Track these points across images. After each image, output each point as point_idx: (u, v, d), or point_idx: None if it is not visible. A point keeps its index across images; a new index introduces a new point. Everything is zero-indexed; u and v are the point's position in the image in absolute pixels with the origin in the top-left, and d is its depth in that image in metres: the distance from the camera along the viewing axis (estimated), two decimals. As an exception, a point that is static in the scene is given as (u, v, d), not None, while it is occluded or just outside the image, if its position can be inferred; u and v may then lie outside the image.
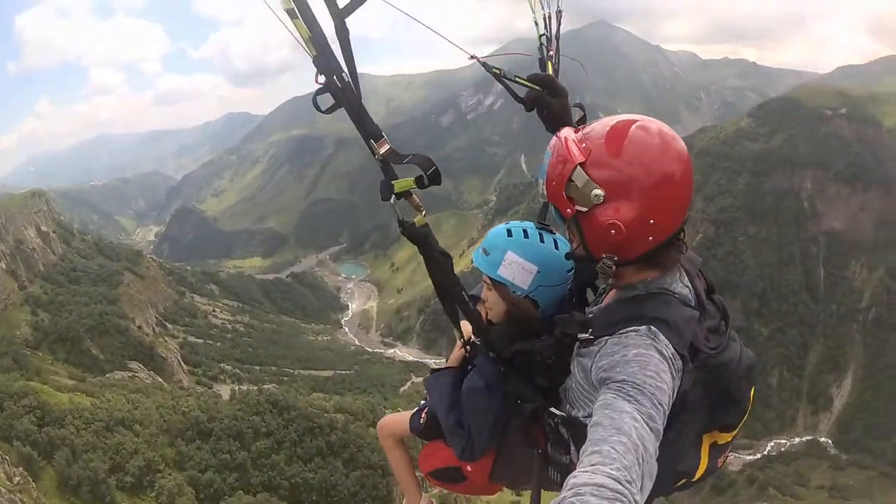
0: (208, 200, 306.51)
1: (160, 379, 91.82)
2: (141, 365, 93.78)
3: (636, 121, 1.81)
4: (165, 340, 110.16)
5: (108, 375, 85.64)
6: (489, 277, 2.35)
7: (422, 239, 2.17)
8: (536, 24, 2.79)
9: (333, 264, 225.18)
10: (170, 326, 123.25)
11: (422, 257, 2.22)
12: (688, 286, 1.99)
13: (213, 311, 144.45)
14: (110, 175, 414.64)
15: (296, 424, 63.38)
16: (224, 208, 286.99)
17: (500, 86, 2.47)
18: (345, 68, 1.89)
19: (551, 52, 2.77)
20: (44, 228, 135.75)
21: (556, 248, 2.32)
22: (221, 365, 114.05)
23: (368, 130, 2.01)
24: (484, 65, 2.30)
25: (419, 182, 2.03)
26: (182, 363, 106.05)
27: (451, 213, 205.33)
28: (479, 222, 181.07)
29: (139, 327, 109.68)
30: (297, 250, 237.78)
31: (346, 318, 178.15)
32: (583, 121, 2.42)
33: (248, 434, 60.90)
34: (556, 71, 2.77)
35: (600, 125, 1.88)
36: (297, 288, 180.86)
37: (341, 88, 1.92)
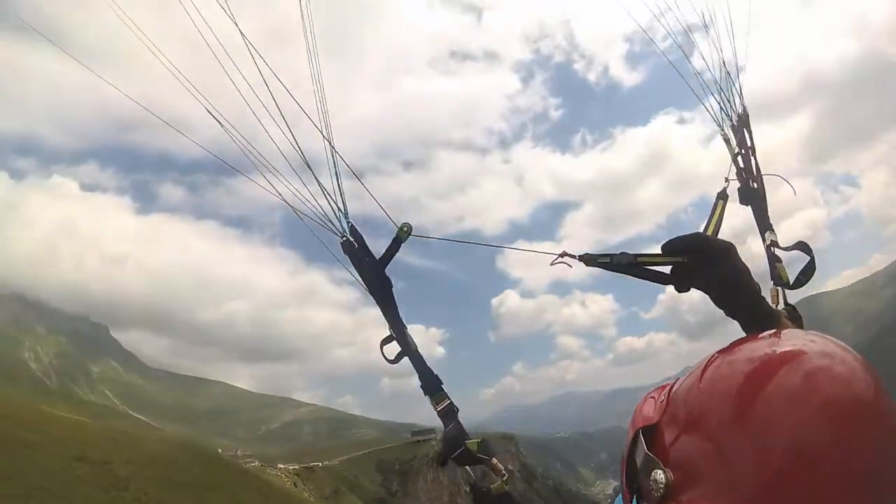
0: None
1: None
2: None
3: (798, 353, 0.94)
4: None
5: None
6: None
7: None
8: (727, 141, 2.28)
9: None
10: None
11: None
12: None
13: None
14: (575, 428, 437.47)
15: None
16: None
17: None
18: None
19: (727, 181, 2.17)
20: (510, 467, 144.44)
21: None
22: None
23: (426, 385, 1.89)
24: (584, 257, 1.69)
25: (468, 455, 1.83)
26: None
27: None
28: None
29: None
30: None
31: None
32: (809, 273, 1.94)
33: None
34: (763, 217, 2.17)
35: (742, 354, 1.01)
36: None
37: (403, 339, 1.89)
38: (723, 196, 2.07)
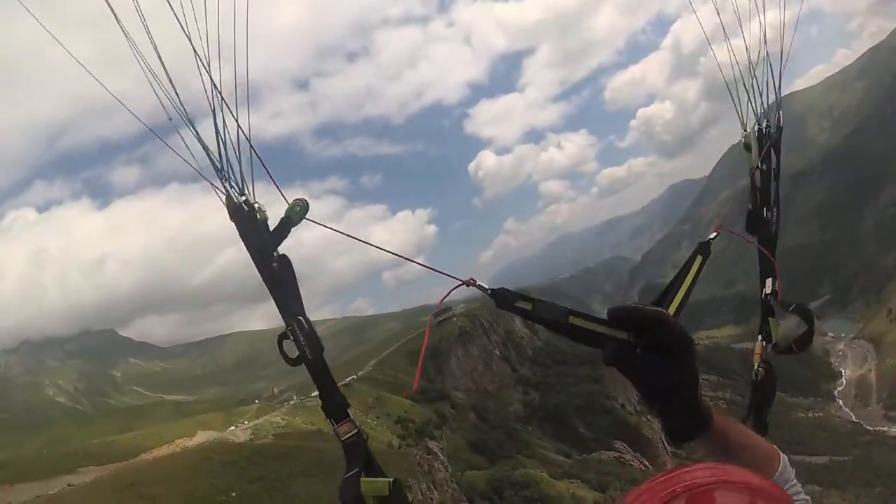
0: (669, 274, 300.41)
1: (646, 461, 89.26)
2: (626, 445, 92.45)
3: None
4: (648, 420, 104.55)
5: (593, 455, 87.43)
6: None
7: None
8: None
9: (817, 322, 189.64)
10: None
11: None
12: None
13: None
14: (576, 267, 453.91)
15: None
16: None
17: None
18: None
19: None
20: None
21: None
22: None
23: (329, 406, 1.73)
24: (498, 294, 1.46)
25: (395, 489, 1.66)
26: (665, 444, 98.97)
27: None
28: None
29: (622, 406, 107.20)
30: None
31: (839, 389, 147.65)
32: (805, 343, 2.01)
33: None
34: (776, 214, 2.07)
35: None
36: (780, 357, 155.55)
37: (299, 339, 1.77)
38: (704, 251, 1.67)
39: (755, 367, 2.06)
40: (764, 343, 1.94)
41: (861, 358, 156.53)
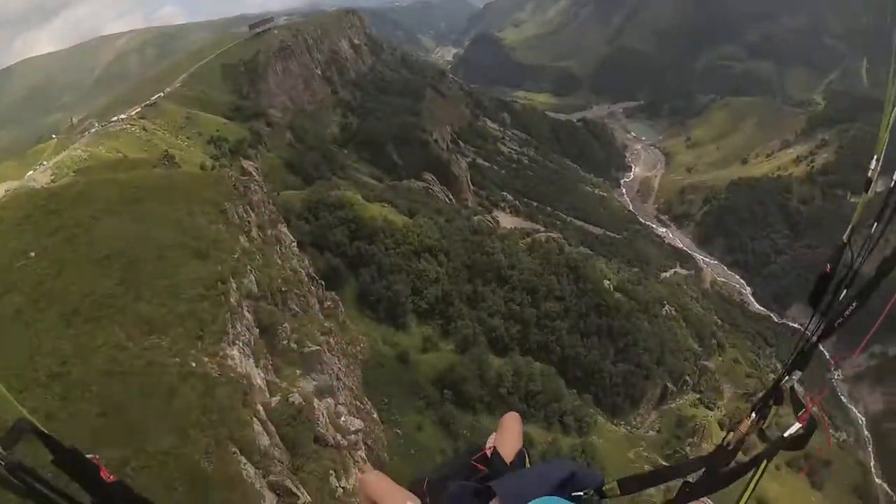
0: (507, 30, 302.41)
1: (451, 195, 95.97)
2: (435, 178, 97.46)
3: None
4: (458, 159, 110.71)
5: (404, 182, 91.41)
6: None
7: None
8: None
9: (625, 120, 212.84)
10: (462, 145, 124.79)
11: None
12: None
13: (503, 138, 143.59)
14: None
15: (587, 298, 63.19)
16: (522, 39, 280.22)
17: None
18: None
19: None
20: (356, 41, 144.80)
21: None
22: (504, 193, 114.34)
23: None
24: None
25: None
26: (469, 183, 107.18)
27: (767, 103, 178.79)
28: (799, 124, 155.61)
29: (435, 141, 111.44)
30: (589, 96, 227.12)
31: (626, 180, 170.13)
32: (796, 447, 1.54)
33: (541, 292, 61.31)
34: None
35: None
36: (585, 135, 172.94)
37: None
38: (770, 452, 1.44)
39: (730, 440, 1.66)
40: (755, 422, 1.50)
41: (652, 164, 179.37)
